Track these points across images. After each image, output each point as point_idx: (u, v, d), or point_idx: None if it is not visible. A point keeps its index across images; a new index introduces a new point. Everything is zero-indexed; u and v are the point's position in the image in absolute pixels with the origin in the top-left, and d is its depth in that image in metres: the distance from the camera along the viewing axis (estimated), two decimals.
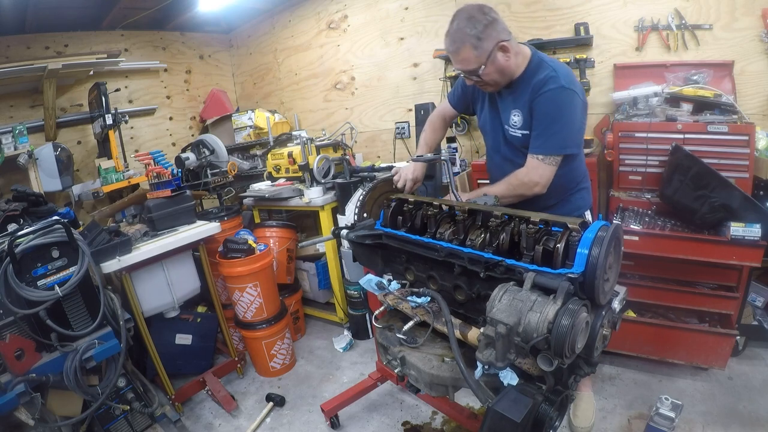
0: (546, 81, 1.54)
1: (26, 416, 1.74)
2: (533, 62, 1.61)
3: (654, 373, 2.35)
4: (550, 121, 1.55)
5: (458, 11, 1.54)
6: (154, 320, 2.54)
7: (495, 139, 1.81)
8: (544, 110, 1.55)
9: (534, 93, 1.56)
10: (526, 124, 1.62)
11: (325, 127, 3.98)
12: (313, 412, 2.42)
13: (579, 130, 1.65)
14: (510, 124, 1.67)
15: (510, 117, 1.67)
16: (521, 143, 1.67)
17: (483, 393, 1.06)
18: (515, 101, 1.65)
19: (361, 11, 3.70)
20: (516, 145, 1.70)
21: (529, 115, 1.59)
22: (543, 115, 1.56)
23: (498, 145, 1.81)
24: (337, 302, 3.21)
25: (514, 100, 1.65)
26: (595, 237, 1.03)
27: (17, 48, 3.46)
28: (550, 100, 1.53)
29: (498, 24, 1.51)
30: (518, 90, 1.63)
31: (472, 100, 1.90)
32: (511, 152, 1.75)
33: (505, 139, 1.74)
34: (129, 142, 3.94)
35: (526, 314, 0.95)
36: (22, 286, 1.70)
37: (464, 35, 1.50)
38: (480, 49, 1.50)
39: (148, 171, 2.55)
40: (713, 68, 2.37)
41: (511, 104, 1.66)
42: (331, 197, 3.02)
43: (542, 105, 1.55)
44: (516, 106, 1.64)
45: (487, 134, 1.87)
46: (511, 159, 1.74)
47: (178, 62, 4.50)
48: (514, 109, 1.65)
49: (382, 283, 1.43)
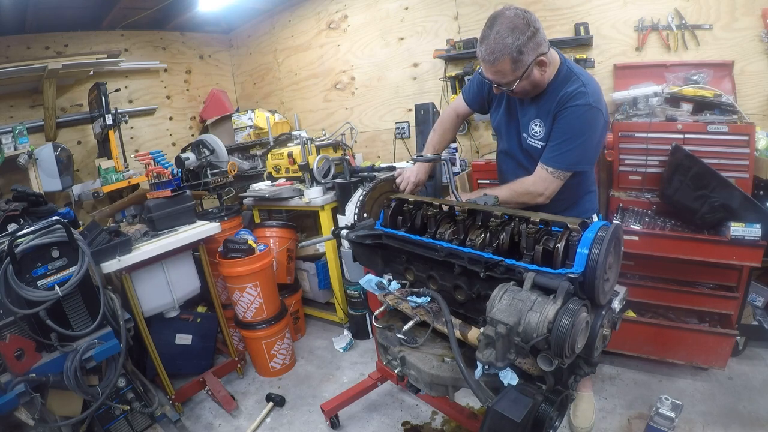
0: (574, 95, 1.49)
1: (26, 416, 1.74)
2: (562, 72, 1.55)
3: (654, 373, 2.35)
4: (569, 137, 1.51)
5: (499, 16, 1.42)
6: (154, 320, 2.54)
7: (510, 144, 1.78)
8: (566, 125, 1.51)
9: (560, 105, 1.52)
10: (548, 136, 1.58)
11: (325, 127, 3.98)
12: (313, 412, 2.42)
13: (595, 149, 1.60)
14: (530, 133, 1.63)
15: (530, 126, 1.62)
16: (539, 154, 1.62)
17: (483, 393, 1.06)
18: (538, 111, 1.60)
19: (361, 11, 3.70)
20: (532, 154, 1.66)
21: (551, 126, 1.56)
22: (564, 129, 1.52)
23: (513, 150, 1.77)
24: (337, 302, 3.21)
25: (536, 109, 1.60)
26: (595, 237, 1.03)
27: (17, 48, 3.46)
28: (575, 116, 1.49)
29: (539, 35, 1.42)
30: (542, 99, 1.58)
31: (488, 100, 1.84)
32: (527, 160, 1.71)
33: (521, 146, 1.71)
34: (129, 142, 3.94)
35: (526, 314, 0.95)
36: (22, 286, 1.70)
37: (504, 46, 1.39)
38: (519, 63, 1.41)
39: (148, 171, 2.55)
40: (713, 68, 2.38)
41: (533, 113, 1.61)
42: (331, 197, 3.02)
43: (565, 119, 1.51)
44: (538, 116, 1.59)
45: (501, 137, 1.84)
46: (526, 167, 1.70)
47: (178, 62, 4.50)
48: (535, 119, 1.60)
49: (382, 283, 1.43)
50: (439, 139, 1.97)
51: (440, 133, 1.97)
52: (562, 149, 1.54)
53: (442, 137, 1.97)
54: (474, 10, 3.12)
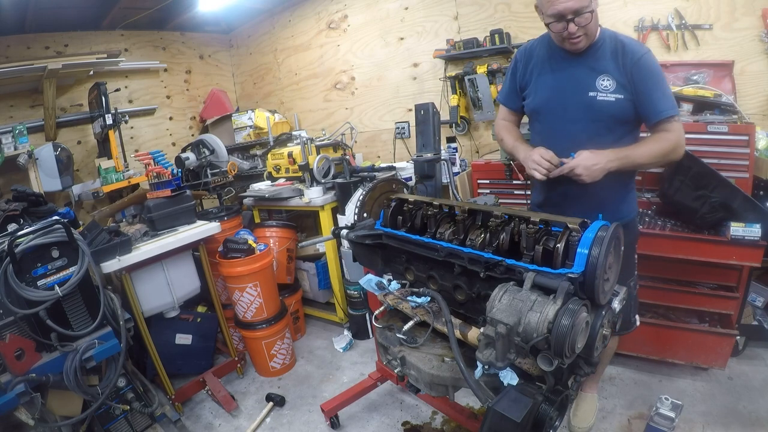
0: (636, 46, 1.54)
1: (26, 416, 1.74)
2: (603, 29, 1.59)
3: (654, 373, 2.35)
4: (660, 81, 1.53)
5: None
6: (154, 320, 2.54)
7: (569, 111, 1.65)
8: (650, 72, 1.52)
9: (631, 56, 1.52)
10: (621, 89, 1.54)
11: (325, 127, 3.98)
12: (313, 412, 2.42)
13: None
14: (599, 88, 1.57)
15: (597, 82, 1.58)
16: (614, 110, 1.57)
17: (483, 393, 1.06)
18: (596, 66, 1.58)
19: (361, 11, 3.70)
20: (605, 112, 1.58)
21: (627, 79, 1.53)
22: (652, 77, 1.53)
23: (576, 116, 1.64)
24: (337, 302, 3.21)
25: (594, 64, 1.58)
26: (595, 237, 1.03)
27: (17, 48, 3.46)
28: (652, 62, 1.52)
29: None
30: (597, 54, 1.57)
31: (523, 85, 1.77)
32: (595, 123, 1.61)
33: (588, 106, 1.60)
34: (129, 142, 3.94)
35: (526, 314, 0.95)
36: (22, 286, 1.70)
37: None
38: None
39: (148, 171, 2.55)
40: (713, 68, 2.37)
41: (593, 70, 1.59)
42: (331, 197, 3.02)
43: (647, 67, 1.52)
44: (603, 71, 1.57)
45: (552, 111, 1.70)
46: (596, 132, 1.60)
47: (178, 62, 4.50)
48: (601, 75, 1.57)
49: (382, 283, 1.43)
50: (516, 134, 1.85)
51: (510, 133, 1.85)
52: (665, 93, 1.54)
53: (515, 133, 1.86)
54: (474, 10, 3.12)
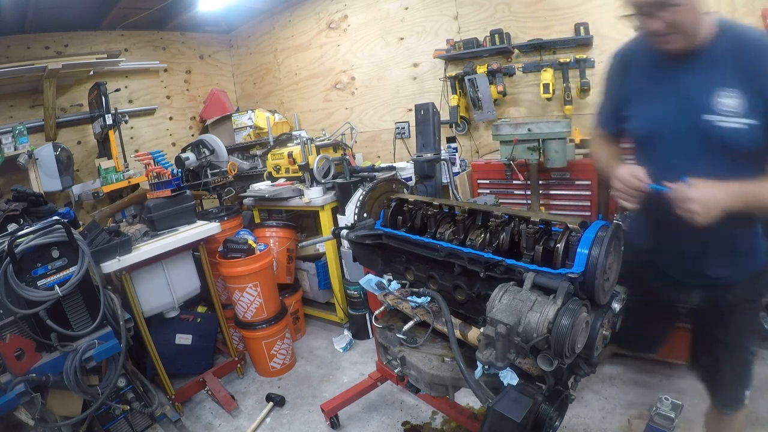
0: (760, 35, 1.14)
1: (26, 416, 1.74)
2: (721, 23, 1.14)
3: (654, 373, 2.34)
4: None
5: None
6: (154, 320, 2.54)
7: (675, 140, 1.20)
8: None
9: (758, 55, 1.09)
10: (752, 109, 1.07)
11: (325, 127, 3.97)
12: (313, 412, 2.42)
13: None
14: (715, 109, 1.10)
15: (712, 99, 1.11)
16: (742, 140, 1.10)
17: (483, 393, 1.06)
18: (710, 76, 1.12)
19: (361, 11, 3.70)
20: (730, 144, 1.11)
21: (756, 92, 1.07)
22: None
23: (686, 148, 1.18)
24: (337, 302, 3.21)
25: (706, 72, 1.13)
26: (594, 237, 1.03)
27: (17, 48, 3.46)
28: None
29: None
30: (710, 57, 1.13)
31: (620, 104, 1.35)
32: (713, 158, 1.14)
33: (705, 138, 1.14)
34: (129, 142, 3.94)
35: (526, 314, 0.95)
36: (22, 286, 1.70)
37: None
38: None
39: (148, 171, 2.55)
40: None
41: (706, 81, 1.13)
42: (331, 197, 3.02)
43: None
44: (723, 83, 1.10)
45: (653, 139, 1.25)
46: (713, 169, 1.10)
47: (178, 62, 4.50)
48: (720, 87, 1.10)
49: (382, 283, 1.43)
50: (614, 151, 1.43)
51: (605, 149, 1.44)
52: None
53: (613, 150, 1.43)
54: (474, 10, 3.11)
